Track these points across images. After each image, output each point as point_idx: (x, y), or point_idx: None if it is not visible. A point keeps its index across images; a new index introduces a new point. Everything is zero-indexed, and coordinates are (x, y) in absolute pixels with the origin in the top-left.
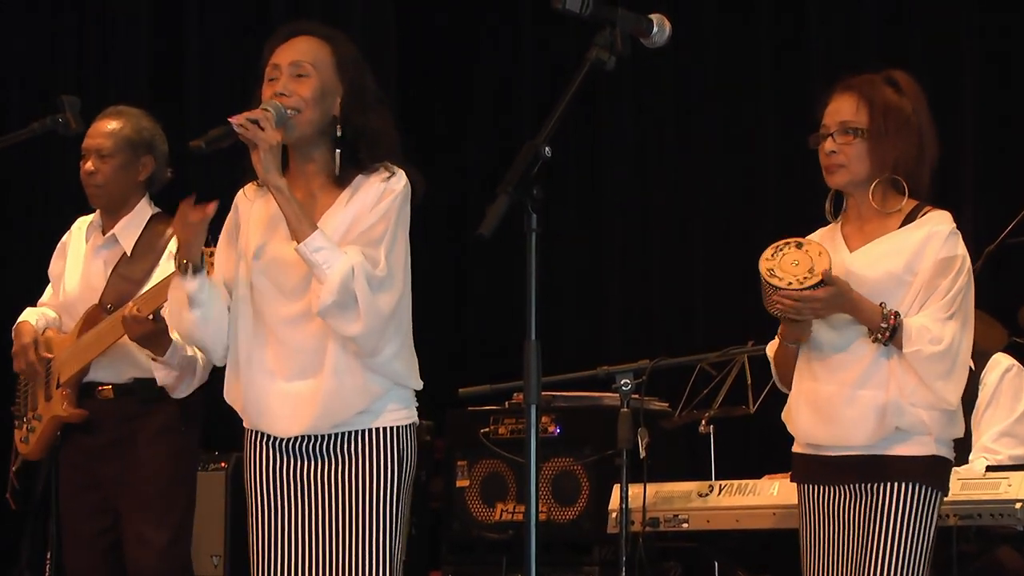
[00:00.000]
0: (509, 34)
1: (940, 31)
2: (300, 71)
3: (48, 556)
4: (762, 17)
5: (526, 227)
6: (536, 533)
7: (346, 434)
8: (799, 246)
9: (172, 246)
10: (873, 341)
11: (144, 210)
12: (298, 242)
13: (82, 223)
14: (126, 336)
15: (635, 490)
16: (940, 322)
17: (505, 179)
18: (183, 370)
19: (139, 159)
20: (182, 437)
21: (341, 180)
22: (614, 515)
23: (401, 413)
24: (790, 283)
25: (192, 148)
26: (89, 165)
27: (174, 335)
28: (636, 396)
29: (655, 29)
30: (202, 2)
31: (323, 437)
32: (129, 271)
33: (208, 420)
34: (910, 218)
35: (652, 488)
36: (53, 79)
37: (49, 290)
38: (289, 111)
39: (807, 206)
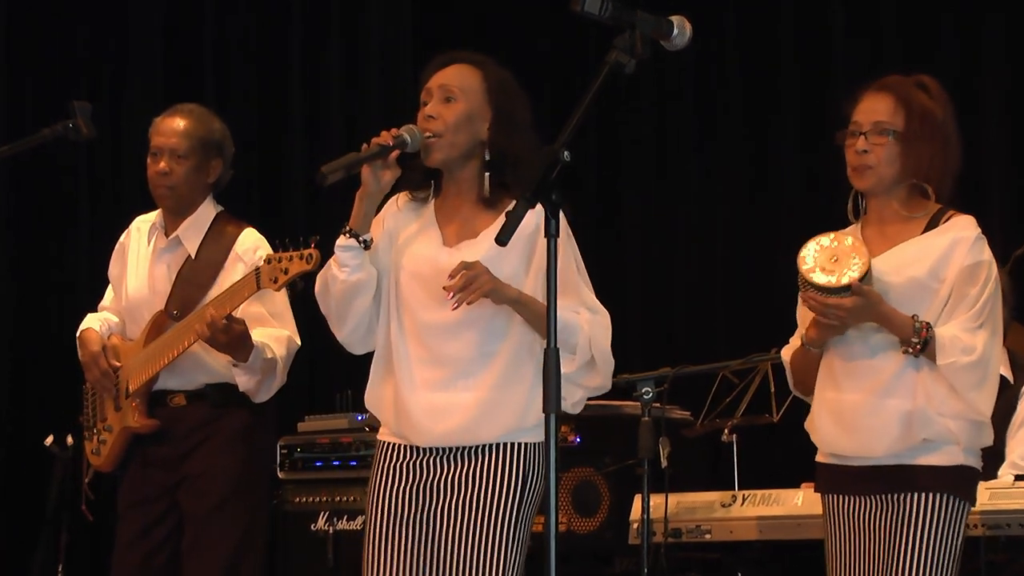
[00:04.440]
0: (524, 40)
1: (966, 34)
2: (448, 94)
3: (60, 568)
4: (785, 23)
5: (546, 233)
6: (556, 544)
7: (477, 447)
8: (846, 243)
9: (238, 247)
10: (904, 353)
11: (208, 210)
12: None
13: (142, 223)
14: (196, 344)
15: (657, 500)
16: (971, 332)
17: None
18: (264, 373)
19: (210, 161)
20: (255, 443)
21: (490, 202)
22: (635, 526)
23: (534, 432)
24: (821, 279)
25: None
26: (163, 165)
27: (255, 336)
28: (657, 405)
29: (675, 32)
30: (219, 8)
31: (455, 448)
32: (194, 275)
33: None
34: (933, 223)
35: (674, 498)
36: (68, 85)
37: (109, 293)
38: (428, 135)
39: (829, 212)
